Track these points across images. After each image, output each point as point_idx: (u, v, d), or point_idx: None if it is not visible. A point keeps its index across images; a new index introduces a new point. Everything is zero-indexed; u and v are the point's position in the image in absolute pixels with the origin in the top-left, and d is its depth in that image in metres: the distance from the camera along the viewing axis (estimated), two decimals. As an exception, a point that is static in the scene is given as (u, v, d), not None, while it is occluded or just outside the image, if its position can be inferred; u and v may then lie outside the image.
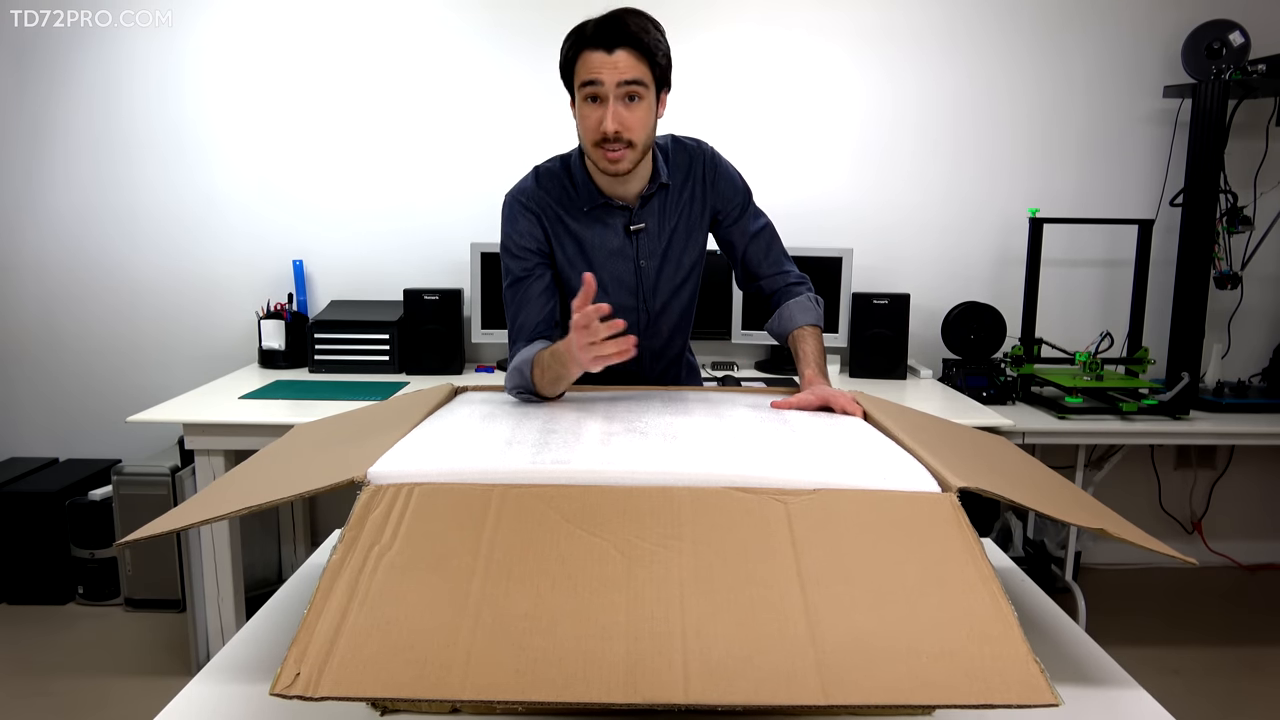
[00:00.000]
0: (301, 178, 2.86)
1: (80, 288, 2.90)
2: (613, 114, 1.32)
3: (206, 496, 1.06)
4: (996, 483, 0.96)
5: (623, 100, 1.33)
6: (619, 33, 1.30)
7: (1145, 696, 0.89)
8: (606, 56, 1.31)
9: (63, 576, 2.73)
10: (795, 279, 1.61)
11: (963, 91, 2.86)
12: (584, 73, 1.33)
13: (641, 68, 1.32)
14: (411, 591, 0.77)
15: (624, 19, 1.31)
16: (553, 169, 1.50)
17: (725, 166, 1.56)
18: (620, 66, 1.31)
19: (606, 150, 1.36)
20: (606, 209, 1.48)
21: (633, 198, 1.48)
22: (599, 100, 1.34)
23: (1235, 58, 2.64)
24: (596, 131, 1.34)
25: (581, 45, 1.33)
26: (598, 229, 1.49)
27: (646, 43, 1.32)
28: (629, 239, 1.50)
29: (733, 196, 1.56)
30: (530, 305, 1.48)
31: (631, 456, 1.01)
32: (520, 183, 1.51)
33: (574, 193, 1.48)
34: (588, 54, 1.32)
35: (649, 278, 1.54)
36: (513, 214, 1.48)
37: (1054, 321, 2.89)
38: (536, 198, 1.48)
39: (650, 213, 1.50)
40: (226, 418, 2.16)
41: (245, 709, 0.85)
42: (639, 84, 1.33)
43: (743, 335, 2.79)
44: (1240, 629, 2.72)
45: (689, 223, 1.54)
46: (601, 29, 1.31)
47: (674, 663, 0.70)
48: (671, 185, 1.51)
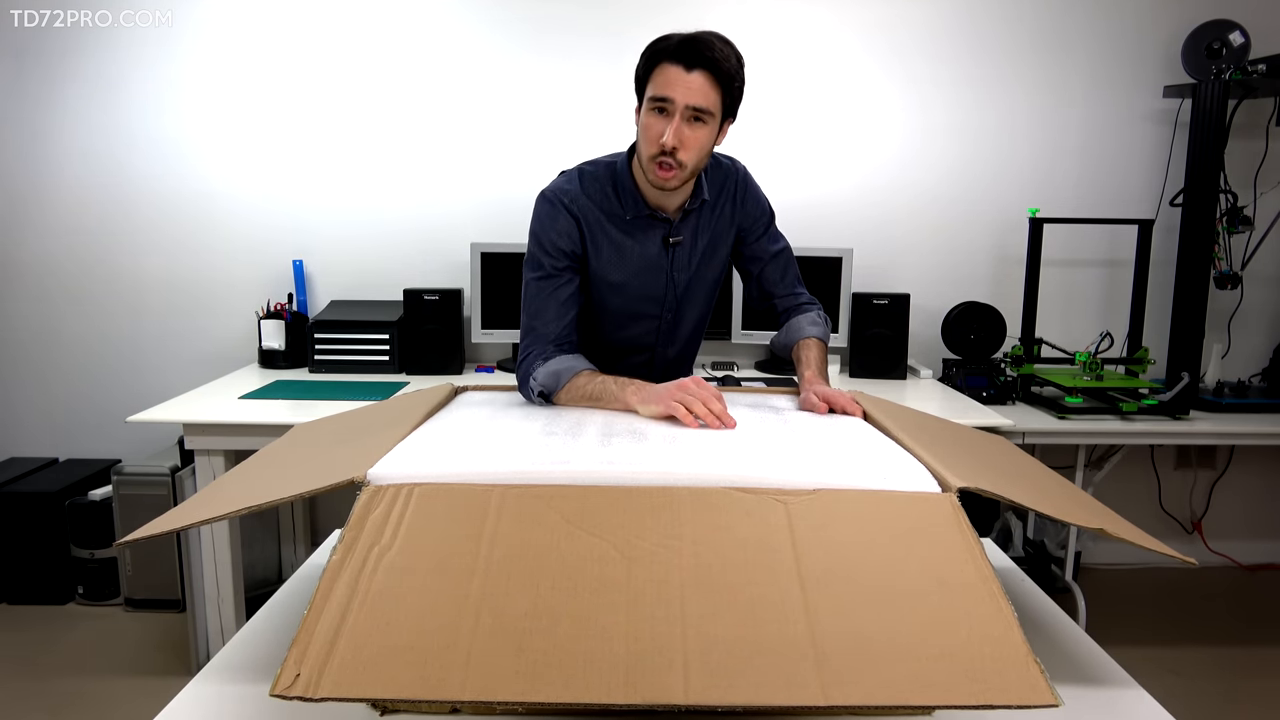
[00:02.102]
0: (301, 178, 2.86)
1: (80, 287, 2.90)
2: (675, 130, 1.32)
3: (206, 496, 1.06)
4: (996, 483, 0.96)
5: (688, 120, 1.33)
6: (701, 54, 1.30)
7: (1145, 696, 0.89)
8: (684, 74, 1.30)
9: (63, 576, 2.73)
10: (807, 300, 1.64)
11: (963, 91, 2.86)
12: (657, 86, 1.33)
13: (714, 95, 1.32)
14: (411, 592, 0.77)
15: (710, 41, 1.31)
16: (597, 173, 1.49)
17: (755, 187, 1.59)
18: (694, 88, 1.31)
19: (660, 165, 1.36)
20: (649, 220, 1.49)
21: (674, 211, 1.49)
22: (665, 114, 1.33)
23: (1235, 58, 2.64)
24: (656, 144, 1.34)
25: (662, 57, 1.32)
26: (637, 238, 1.49)
27: (726, 70, 1.32)
28: (665, 251, 1.52)
29: (759, 217, 1.59)
30: (552, 311, 1.46)
31: (631, 457, 1.01)
32: (563, 182, 1.49)
33: (617, 200, 1.47)
34: (666, 67, 1.32)
35: (676, 290, 1.56)
36: (553, 212, 1.47)
37: (1054, 321, 2.89)
38: (578, 200, 1.47)
39: (688, 227, 1.52)
40: (226, 418, 2.16)
41: (245, 709, 0.85)
42: (706, 111, 1.33)
43: (743, 335, 2.79)
44: (1240, 629, 2.72)
45: (719, 239, 1.56)
46: (685, 46, 1.30)
47: (674, 663, 0.70)
48: (708, 203, 1.52)
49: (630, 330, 1.58)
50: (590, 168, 1.50)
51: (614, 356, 1.60)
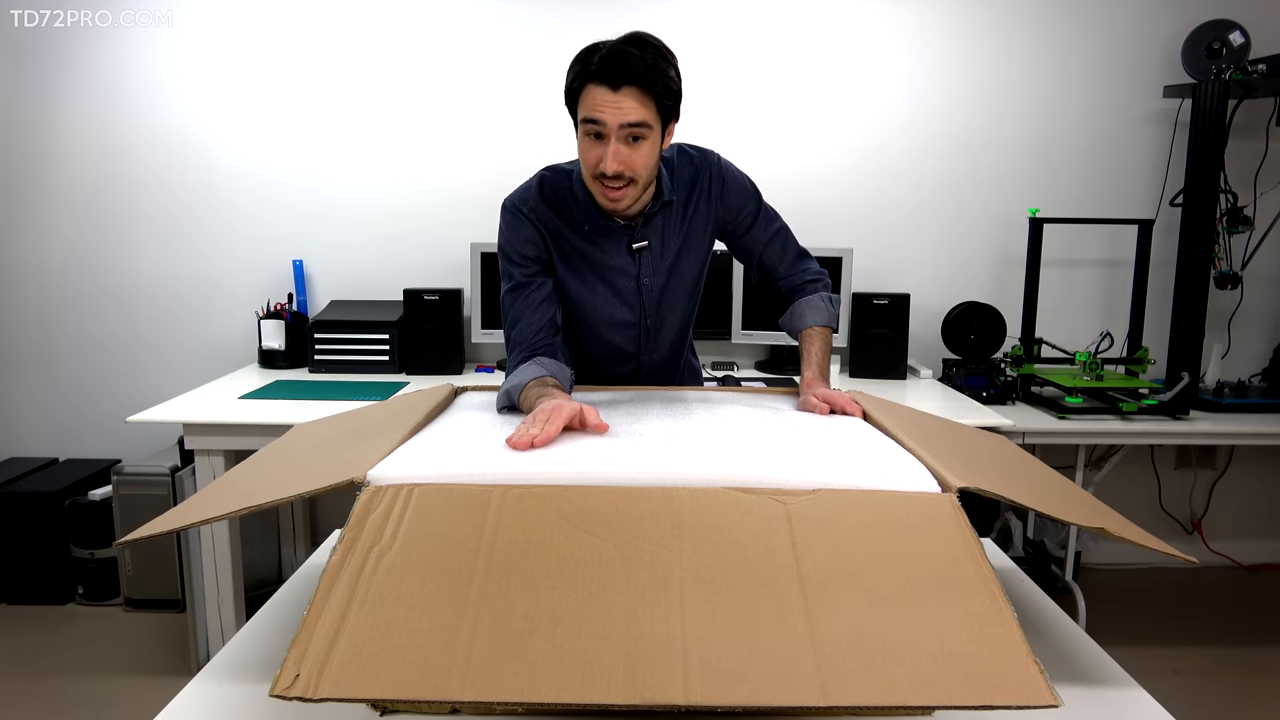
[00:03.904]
0: (301, 178, 2.86)
1: (80, 287, 2.90)
2: (613, 154, 1.26)
3: (206, 496, 1.06)
4: (996, 483, 0.96)
5: (625, 140, 1.27)
6: (625, 70, 1.23)
7: (1145, 696, 0.89)
8: (611, 94, 1.24)
9: (63, 576, 2.73)
10: (813, 275, 1.57)
11: (963, 91, 2.86)
12: (586, 108, 1.26)
13: (647, 109, 1.26)
14: (411, 592, 0.77)
15: (630, 56, 1.23)
16: (557, 181, 1.44)
17: (733, 174, 1.51)
18: (624, 107, 1.24)
19: (606, 187, 1.31)
20: (608, 228, 1.44)
21: (635, 216, 1.44)
22: (601, 138, 1.28)
23: (1235, 58, 2.64)
24: (595, 168, 1.30)
25: (585, 78, 1.26)
26: (601, 246, 1.45)
27: (653, 79, 1.24)
28: (631, 257, 1.47)
29: (743, 205, 1.52)
30: (529, 315, 1.42)
31: (631, 457, 1.01)
32: (522, 190, 1.45)
33: (575, 209, 1.43)
34: (592, 88, 1.25)
35: (651, 294, 1.51)
36: (515, 221, 1.43)
37: (1054, 321, 2.89)
38: (538, 208, 1.43)
39: (653, 230, 1.46)
40: (226, 418, 2.16)
41: (245, 709, 0.84)
42: (643, 125, 1.26)
43: (743, 335, 2.79)
44: (1240, 629, 2.72)
45: (693, 238, 1.50)
46: (607, 65, 1.23)
47: (674, 663, 0.70)
48: (675, 201, 1.46)
49: (610, 338, 1.54)
50: (550, 174, 1.45)
51: (597, 366, 1.58)
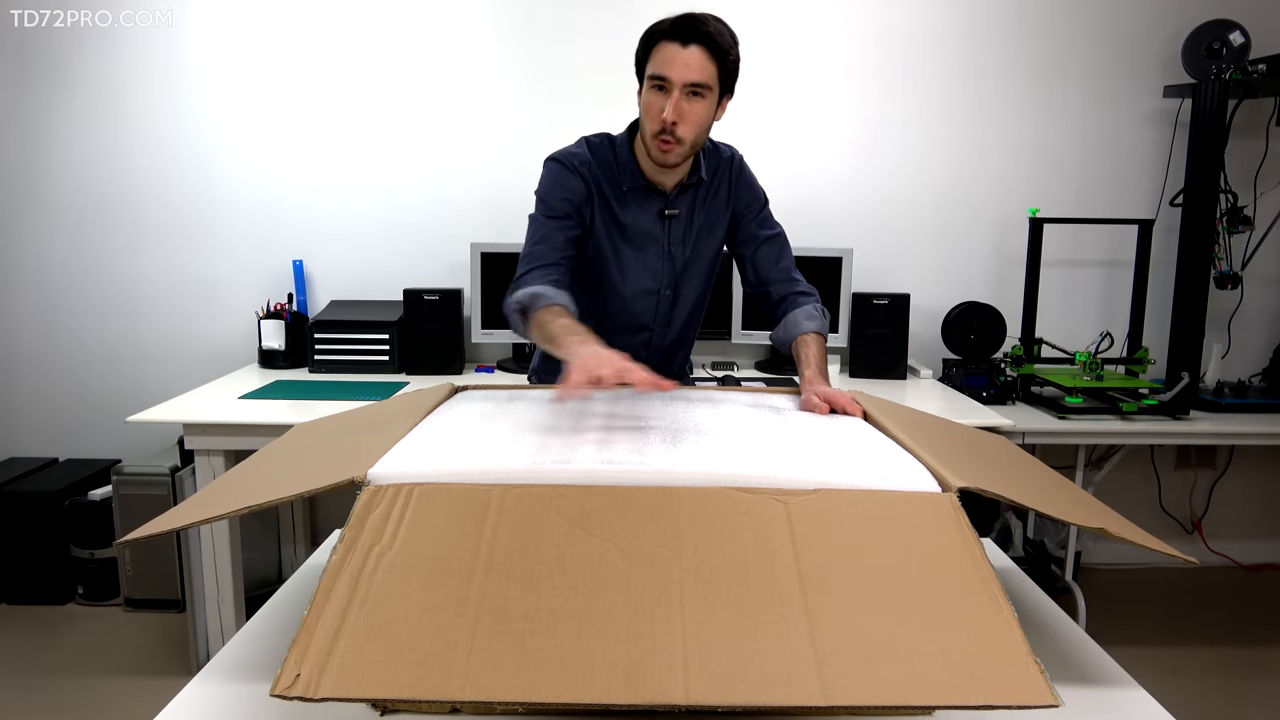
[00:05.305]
0: (301, 178, 2.86)
1: (80, 287, 2.90)
2: (674, 105, 1.39)
3: (206, 496, 1.06)
4: (996, 483, 0.96)
5: (687, 96, 1.40)
6: (695, 30, 1.37)
7: (1145, 696, 0.89)
8: (680, 50, 1.38)
9: (62, 576, 2.73)
10: (803, 289, 1.65)
11: (963, 91, 2.86)
12: (656, 64, 1.40)
13: (710, 68, 1.39)
14: (412, 592, 0.77)
15: (704, 18, 1.39)
16: (601, 143, 1.56)
17: (749, 173, 1.65)
18: (691, 63, 1.38)
19: (661, 140, 1.43)
20: (645, 191, 1.55)
21: (671, 186, 1.56)
22: (664, 91, 1.40)
23: (1235, 58, 2.64)
24: (657, 120, 1.41)
25: (659, 37, 1.40)
26: (634, 208, 1.56)
27: (720, 44, 1.39)
28: (662, 224, 1.58)
29: (751, 202, 1.64)
30: (554, 239, 1.50)
31: (631, 456, 1.01)
32: (570, 147, 1.56)
33: (616, 170, 1.54)
34: (663, 45, 1.39)
35: (675, 264, 1.61)
36: (562, 173, 1.52)
37: (1054, 321, 2.89)
38: (589, 163, 1.53)
39: (684, 202, 1.59)
40: (226, 418, 2.16)
41: (245, 709, 0.84)
42: (704, 85, 1.40)
43: (743, 335, 2.79)
44: (1240, 629, 2.72)
45: (714, 220, 1.62)
46: (680, 24, 1.38)
47: (674, 663, 0.70)
48: (704, 182, 1.59)
49: (629, 306, 1.62)
50: (596, 138, 1.58)
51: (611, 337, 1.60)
